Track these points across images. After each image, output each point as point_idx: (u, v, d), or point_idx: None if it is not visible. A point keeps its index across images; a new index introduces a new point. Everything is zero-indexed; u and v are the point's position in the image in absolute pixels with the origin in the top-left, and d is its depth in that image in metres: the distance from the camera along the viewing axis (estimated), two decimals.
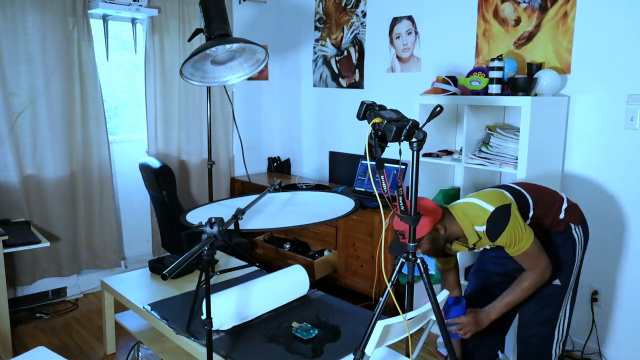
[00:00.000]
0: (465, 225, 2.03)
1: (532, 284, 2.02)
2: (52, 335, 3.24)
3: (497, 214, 1.99)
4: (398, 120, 1.64)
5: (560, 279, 2.14)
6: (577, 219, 2.17)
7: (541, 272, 2.01)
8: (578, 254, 2.16)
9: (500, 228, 1.97)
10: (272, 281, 2.48)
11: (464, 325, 2.06)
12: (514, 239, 1.98)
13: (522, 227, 1.99)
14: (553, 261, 2.10)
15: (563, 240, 2.14)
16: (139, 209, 4.11)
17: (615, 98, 2.74)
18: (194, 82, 3.08)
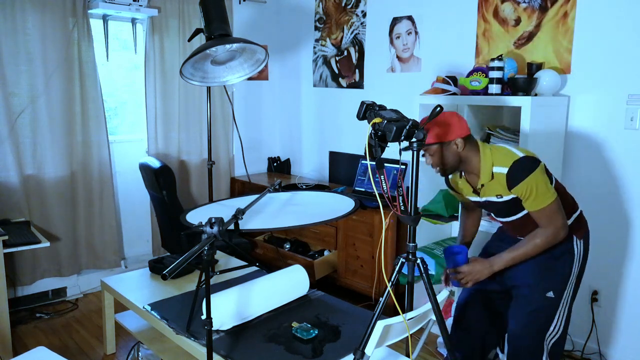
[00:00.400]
0: (485, 161, 1.99)
1: (544, 241, 1.97)
2: (52, 335, 3.24)
3: (525, 160, 1.94)
4: (398, 120, 1.64)
5: (554, 292, 2.09)
6: (581, 233, 2.13)
7: (556, 230, 1.96)
8: (575, 268, 2.10)
9: (524, 175, 1.91)
10: (272, 281, 2.48)
11: (465, 274, 2.04)
12: (534, 191, 1.92)
13: (545, 183, 1.94)
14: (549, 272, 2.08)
15: (562, 251, 2.08)
16: (139, 209, 4.11)
17: (615, 98, 2.74)
18: (194, 82, 3.08)
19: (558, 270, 2.08)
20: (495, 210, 2.15)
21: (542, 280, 2.09)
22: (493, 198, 2.05)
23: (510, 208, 2.05)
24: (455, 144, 1.97)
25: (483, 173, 2.01)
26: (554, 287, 2.08)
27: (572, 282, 2.11)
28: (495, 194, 2.03)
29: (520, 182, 1.92)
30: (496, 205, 2.08)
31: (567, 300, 2.12)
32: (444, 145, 1.97)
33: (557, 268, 2.08)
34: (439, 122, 1.96)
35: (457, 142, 1.97)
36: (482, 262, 2.06)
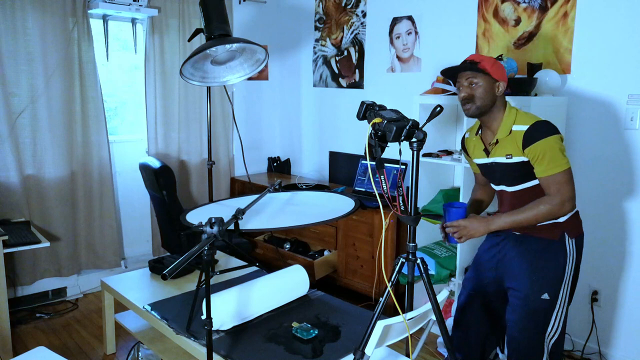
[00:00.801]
0: (508, 116, 2.02)
1: (549, 209, 1.93)
2: (52, 335, 3.24)
3: (546, 123, 1.96)
4: (398, 120, 1.64)
5: (549, 293, 2.06)
6: (574, 232, 2.08)
7: (563, 200, 1.92)
8: (568, 268, 2.07)
9: (541, 135, 1.92)
10: (272, 281, 2.48)
11: (461, 228, 2.01)
12: (547, 154, 1.91)
13: (561, 150, 1.93)
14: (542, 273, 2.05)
15: (554, 250, 2.05)
16: (139, 209, 4.11)
17: (615, 98, 2.74)
18: (194, 82, 3.08)
19: (550, 271, 2.06)
20: (499, 176, 2.11)
21: (536, 282, 2.06)
22: (502, 159, 2.04)
23: (517, 174, 2.03)
24: (498, 86, 2.01)
25: (502, 127, 2.02)
26: (548, 289, 2.06)
27: (567, 283, 2.08)
28: (505, 154, 2.02)
29: (536, 142, 1.91)
30: (502, 168, 2.06)
31: (563, 302, 2.10)
32: (491, 81, 2.00)
33: (549, 269, 2.05)
34: (495, 60, 2.03)
35: (501, 85, 2.02)
36: (479, 219, 2.03)
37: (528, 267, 2.08)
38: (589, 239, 2.91)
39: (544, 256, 2.06)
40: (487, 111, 2.04)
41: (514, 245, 2.14)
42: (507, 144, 2.01)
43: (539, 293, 2.06)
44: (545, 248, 2.05)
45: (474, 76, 2.01)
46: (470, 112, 2.05)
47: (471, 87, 2.01)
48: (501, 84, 2.02)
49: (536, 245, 2.07)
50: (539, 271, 2.06)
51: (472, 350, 2.34)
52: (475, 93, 2.01)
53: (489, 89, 2.00)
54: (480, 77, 2.00)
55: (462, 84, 2.04)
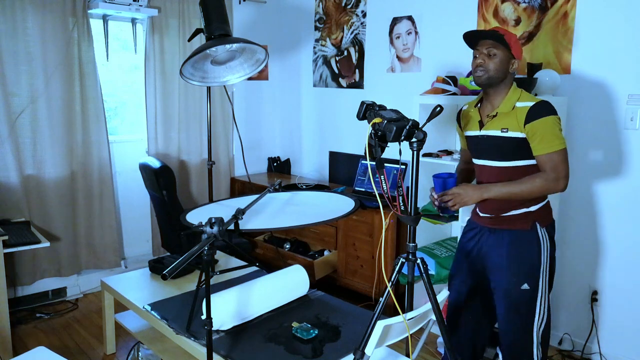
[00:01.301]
0: (512, 94, 2.05)
1: (543, 184, 1.96)
2: (52, 335, 3.24)
3: (548, 104, 2.00)
4: (398, 120, 1.64)
5: (528, 283, 2.09)
6: (545, 221, 2.11)
7: (558, 177, 1.96)
8: (544, 257, 2.09)
9: (547, 112, 1.97)
10: (272, 281, 2.48)
11: (455, 196, 2.02)
12: (549, 132, 1.95)
13: (559, 131, 1.98)
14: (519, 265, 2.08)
15: (528, 240, 2.09)
16: (139, 209, 4.11)
17: (615, 98, 2.74)
18: (194, 82, 3.07)
19: (526, 261, 2.08)
20: (488, 150, 2.12)
21: (514, 274, 2.09)
22: (496, 132, 2.06)
23: (508, 149, 2.05)
24: (514, 63, 2.05)
25: (505, 102, 2.05)
26: (527, 279, 2.09)
27: (545, 271, 2.11)
28: (501, 127, 2.05)
29: (540, 118, 1.95)
30: (495, 142, 2.08)
31: (544, 290, 2.12)
32: (509, 56, 2.03)
33: (525, 259, 2.08)
34: (517, 39, 2.08)
35: (516, 63, 2.05)
36: (472, 186, 2.04)
37: (504, 259, 2.11)
38: (589, 239, 2.92)
39: (518, 247, 2.09)
40: (495, 84, 2.06)
41: (487, 239, 2.17)
42: (506, 118, 2.03)
43: (519, 284, 2.08)
44: (518, 239, 2.09)
45: (495, 46, 2.02)
46: (481, 80, 2.06)
47: (489, 56, 2.03)
48: (516, 62, 2.05)
49: (509, 237, 2.10)
50: (515, 262, 2.09)
51: (462, 347, 2.35)
52: (491, 62, 2.03)
53: (504, 63, 2.03)
54: (501, 49, 2.01)
55: (482, 51, 2.05)
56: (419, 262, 1.74)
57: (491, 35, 2.02)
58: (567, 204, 2.97)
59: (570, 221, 2.98)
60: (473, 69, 2.08)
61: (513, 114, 2.02)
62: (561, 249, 3.01)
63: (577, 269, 2.97)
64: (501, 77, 2.04)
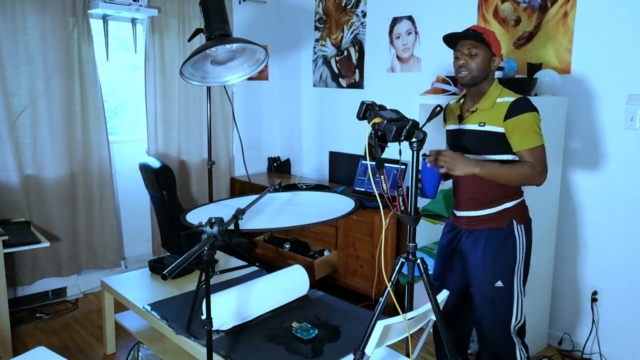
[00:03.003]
0: (493, 90, 2.08)
1: (530, 172, 1.97)
2: (52, 335, 3.24)
3: (528, 100, 2.04)
4: (398, 120, 1.64)
5: (502, 280, 2.10)
6: (522, 218, 2.13)
7: (542, 170, 1.99)
8: (519, 254, 2.11)
9: (524, 109, 1.99)
10: (272, 281, 2.48)
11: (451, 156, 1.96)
12: (529, 128, 1.98)
13: (539, 128, 2.01)
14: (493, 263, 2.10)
15: (503, 238, 2.10)
16: (139, 209, 4.11)
17: (615, 98, 2.74)
18: (194, 82, 3.08)
19: (501, 260, 2.10)
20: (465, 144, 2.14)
21: (489, 271, 2.11)
22: (474, 126, 2.09)
23: (485, 143, 2.07)
24: (494, 60, 2.07)
25: (486, 99, 2.08)
26: (501, 277, 2.10)
27: (520, 269, 2.12)
28: (478, 122, 2.07)
29: (521, 114, 1.98)
30: (472, 136, 2.10)
31: (519, 288, 2.14)
32: (490, 54, 2.05)
33: (500, 257, 2.10)
34: (496, 35, 2.09)
35: (496, 60, 2.07)
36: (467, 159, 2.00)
37: (480, 258, 2.12)
38: (589, 239, 2.92)
39: (494, 245, 2.10)
40: (478, 82, 2.08)
41: (465, 240, 2.19)
42: (486, 114, 2.06)
43: (493, 281, 2.11)
44: (494, 237, 2.10)
45: (475, 46, 2.04)
46: (465, 80, 2.08)
47: (471, 57, 2.04)
48: (497, 59, 2.08)
49: (486, 236, 2.12)
50: (490, 260, 2.10)
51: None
52: (473, 62, 2.04)
53: (486, 61, 2.05)
54: (481, 49, 2.03)
55: (463, 51, 2.07)
56: (419, 262, 1.74)
57: (471, 36, 2.04)
58: (567, 203, 2.97)
59: (570, 221, 2.98)
60: (456, 69, 2.11)
61: (493, 110, 2.05)
62: (561, 249, 3.01)
63: (577, 269, 2.98)
64: (484, 76, 2.07)
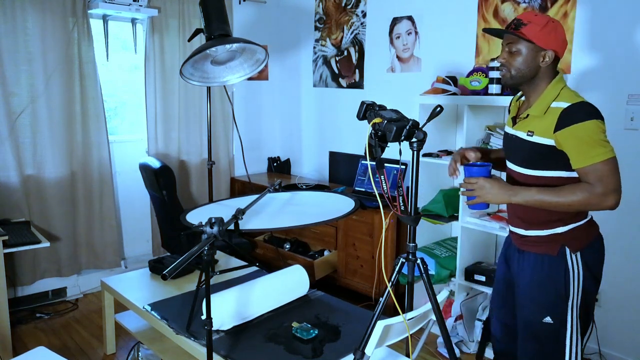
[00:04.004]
0: (549, 92, 1.74)
1: (587, 197, 1.64)
2: (52, 335, 3.24)
3: (585, 105, 1.66)
4: (398, 120, 1.64)
5: (552, 316, 1.79)
6: (578, 245, 1.78)
7: (606, 191, 1.64)
8: (574, 288, 1.77)
9: (578, 118, 1.62)
10: (272, 281, 2.48)
11: (479, 187, 1.74)
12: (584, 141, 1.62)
13: (603, 137, 1.64)
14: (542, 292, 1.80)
15: (553, 267, 1.78)
16: (139, 209, 4.11)
17: (615, 98, 2.74)
18: (194, 82, 3.08)
19: (550, 290, 1.79)
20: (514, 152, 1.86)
21: (536, 304, 1.82)
22: (522, 134, 1.77)
23: (533, 155, 1.76)
24: (544, 55, 1.72)
25: (538, 103, 1.74)
26: (550, 312, 1.79)
27: (575, 304, 1.79)
28: (527, 130, 1.75)
29: (575, 124, 1.62)
30: (520, 145, 1.80)
31: (574, 327, 1.80)
32: (535, 49, 1.71)
33: (549, 287, 1.79)
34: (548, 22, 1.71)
35: (548, 55, 1.72)
36: (503, 184, 1.74)
37: (527, 285, 1.84)
38: None
39: (541, 272, 1.81)
40: (526, 82, 1.77)
41: (516, 260, 1.92)
42: (537, 121, 1.73)
43: (541, 315, 1.80)
44: (542, 264, 1.81)
45: (515, 41, 1.73)
46: (504, 80, 1.80)
47: (511, 54, 1.74)
48: (549, 53, 1.71)
49: (534, 261, 1.83)
50: (537, 291, 1.82)
51: None
52: (512, 61, 1.75)
53: (530, 58, 1.72)
54: (523, 44, 1.72)
55: (504, 47, 1.78)
56: (419, 262, 1.73)
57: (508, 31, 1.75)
58: None
59: None
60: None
61: (546, 116, 1.70)
62: None
63: None
64: (529, 75, 1.74)
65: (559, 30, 1.72)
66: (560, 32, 1.73)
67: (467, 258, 3.04)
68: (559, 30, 1.72)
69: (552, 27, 1.71)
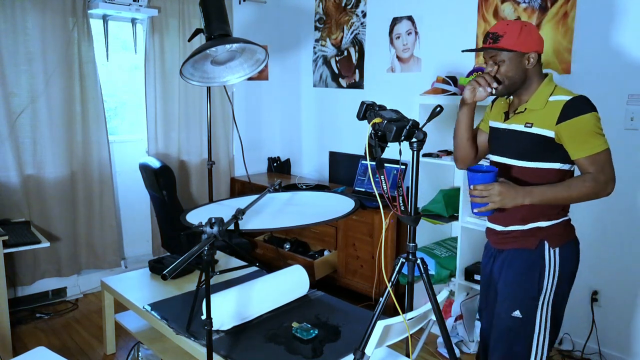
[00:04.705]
0: (545, 87, 1.78)
1: (593, 186, 1.68)
2: (52, 335, 3.24)
3: (586, 99, 1.72)
4: (398, 121, 1.64)
5: (521, 310, 1.80)
6: (557, 240, 1.80)
7: (607, 180, 1.69)
8: (547, 284, 1.79)
9: (582, 110, 1.68)
10: (272, 281, 2.48)
11: (490, 194, 1.70)
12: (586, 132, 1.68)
13: (600, 129, 1.71)
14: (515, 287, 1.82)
15: (530, 261, 1.80)
16: (139, 209, 4.11)
17: (615, 98, 2.74)
18: (194, 82, 3.08)
19: (523, 284, 1.80)
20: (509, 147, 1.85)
21: (508, 297, 1.84)
22: (519, 126, 1.80)
23: (529, 147, 1.78)
24: (529, 58, 1.77)
25: (536, 97, 1.78)
26: (520, 306, 1.80)
27: (547, 301, 1.80)
28: (525, 122, 1.78)
29: (579, 115, 1.68)
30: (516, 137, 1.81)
31: (544, 324, 1.80)
32: (518, 55, 1.76)
33: (523, 281, 1.81)
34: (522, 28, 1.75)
35: (531, 57, 1.77)
36: (515, 187, 1.72)
37: (503, 280, 1.87)
38: (589, 239, 2.91)
39: (517, 268, 1.83)
40: (518, 87, 1.81)
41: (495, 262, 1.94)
42: (536, 114, 1.77)
43: (510, 309, 1.82)
44: (520, 259, 1.83)
45: (497, 53, 1.77)
46: (499, 92, 1.83)
47: (496, 65, 1.79)
48: (531, 55, 1.76)
49: (512, 257, 1.86)
50: (510, 285, 1.84)
51: None
52: (500, 72, 1.78)
53: (516, 65, 1.77)
54: (505, 54, 1.76)
55: (487, 60, 1.82)
56: (419, 262, 1.73)
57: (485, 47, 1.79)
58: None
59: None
60: None
61: (545, 109, 1.75)
62: None
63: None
64: (521, 79, 1.79)
65: (533, 31, 1.78)
66: (535, 33, 1.78)
67: (467, 258, 3.04)
68: (533, 32, 1.78)
69: (527, 31, 1.76)
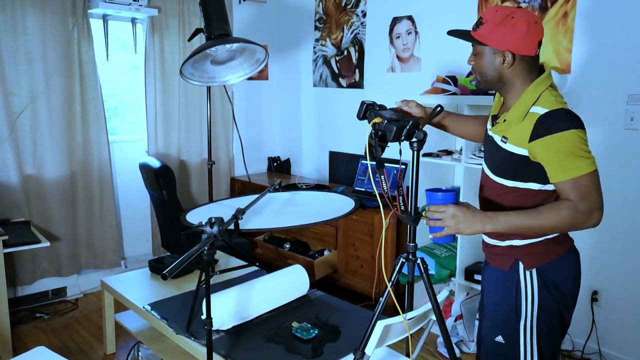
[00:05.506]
0: (526, 96, 1.53)
1: (572, 216, 1.43)
2: (52, 335, 3.24)
3: (564, 113, 1.46)
4: (398, 120, 1.64)
5: (503, 336, 1.67)
6: (534, 261, 1.60)
7: (591, 208, 1.42)
8: (525, 310, 1.62)
9: (558, 127, 1.43)
10: (272, 281, 2.48)
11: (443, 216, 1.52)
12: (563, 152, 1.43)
13: (582, 149, 1.44)
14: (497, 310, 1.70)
15: (506, 284, 1.67)
16: (139, 209, 4.11)
17: (615, 98, 2.74)
18: (194, 82, 3.07)
19: (503, 309, 1.67)
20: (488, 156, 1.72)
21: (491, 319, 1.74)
22: (497, 138, 1.61)
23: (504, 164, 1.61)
24: (502, 56, 1.53)
25: (515, 108, 1.55)
26: (501, 330, 1.68)
27: (530, 327, 1.63)
28: (502, 135, 1.58)
29: (552, 133, 1.43)
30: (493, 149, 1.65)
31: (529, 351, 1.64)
32: (491, 51, 1.55)
33: (502, 305, 1.68)
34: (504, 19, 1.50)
35: (506, 56, 1.52)
36: (475, 211, 1.52)
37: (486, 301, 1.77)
38: (589, 239, 2.91)
39: (497, 290, 1.71)
40: (497, 85, 1.61)
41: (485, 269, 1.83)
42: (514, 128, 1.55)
43: (493, 333, 1.71)
44: (497, 280, 1.71)
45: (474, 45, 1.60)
46: (478, 86, 1.68)
47: (474, 56, 1.61)
48: (506, 54, 1.52)
49: (494, 276, 1.73)
50: (491, 305, 1.74)
51: None
52: (477, 64, 1.61)
53: (489, 61, 1.57)
54: (479, 47, 1.57)
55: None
56: (419, 262, 1.73)
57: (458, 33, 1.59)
58: None
59: None
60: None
61: (523, 124, 1.52)
62: None
63: None
64: (495, 78, 1.58)
65: (519, 25, 1.49)
66: (520, 29, 1.49)
67: (467, 258, 3.04)
68: (519, 26, 1.49)
69: (510, 25, 1.49)
